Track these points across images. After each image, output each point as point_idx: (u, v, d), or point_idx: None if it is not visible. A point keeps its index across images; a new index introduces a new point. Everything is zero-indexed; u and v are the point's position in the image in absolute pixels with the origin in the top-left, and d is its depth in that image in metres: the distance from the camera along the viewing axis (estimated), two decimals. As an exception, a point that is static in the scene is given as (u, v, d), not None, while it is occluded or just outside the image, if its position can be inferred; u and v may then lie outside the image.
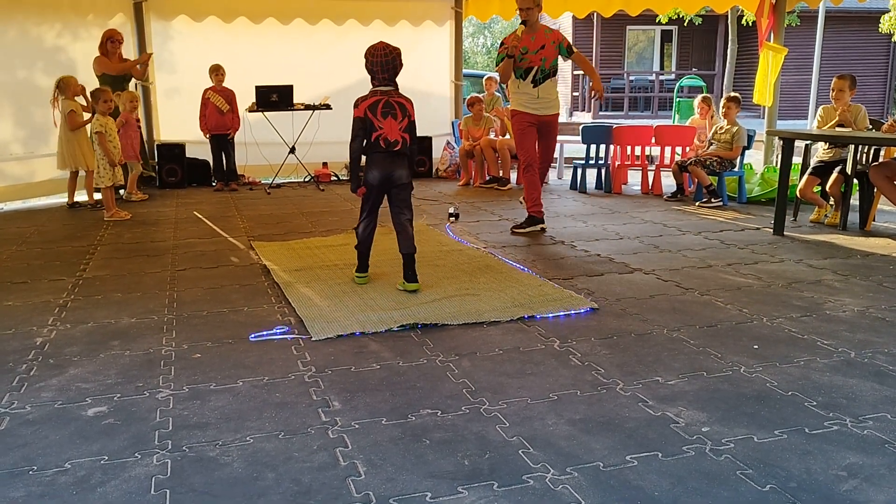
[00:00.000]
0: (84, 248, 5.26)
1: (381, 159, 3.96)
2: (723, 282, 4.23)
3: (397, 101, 3.98)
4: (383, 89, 4.00)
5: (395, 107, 3.96)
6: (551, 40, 5.60)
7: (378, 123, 3.92)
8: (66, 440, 2.35)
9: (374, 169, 3.98)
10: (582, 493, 2.01)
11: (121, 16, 8.17)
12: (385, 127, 3.92)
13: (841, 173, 5.90)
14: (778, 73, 7.97)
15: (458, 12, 9.51)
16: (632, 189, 8.04)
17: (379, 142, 3.93)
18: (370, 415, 2.51)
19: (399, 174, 3.99)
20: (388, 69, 4.00)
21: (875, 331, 3.36)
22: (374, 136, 3.93)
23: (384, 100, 3.95)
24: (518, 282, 4.17)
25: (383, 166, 3.96)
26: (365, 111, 3.92)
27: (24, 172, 7.47)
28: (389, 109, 3.94)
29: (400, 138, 3.95)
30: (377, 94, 3.98)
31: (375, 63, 4.02)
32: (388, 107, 3.94)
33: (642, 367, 2.93)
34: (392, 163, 3.97)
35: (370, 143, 3.95)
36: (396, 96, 4.01)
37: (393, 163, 3.97)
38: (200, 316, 3.65)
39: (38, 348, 3.20)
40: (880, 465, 2.15)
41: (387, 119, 3.92)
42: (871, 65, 20.19)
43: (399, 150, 3.96)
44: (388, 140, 3.92)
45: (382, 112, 3.93)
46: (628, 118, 19.17)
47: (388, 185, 4.00)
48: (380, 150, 3.94)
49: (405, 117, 3.98)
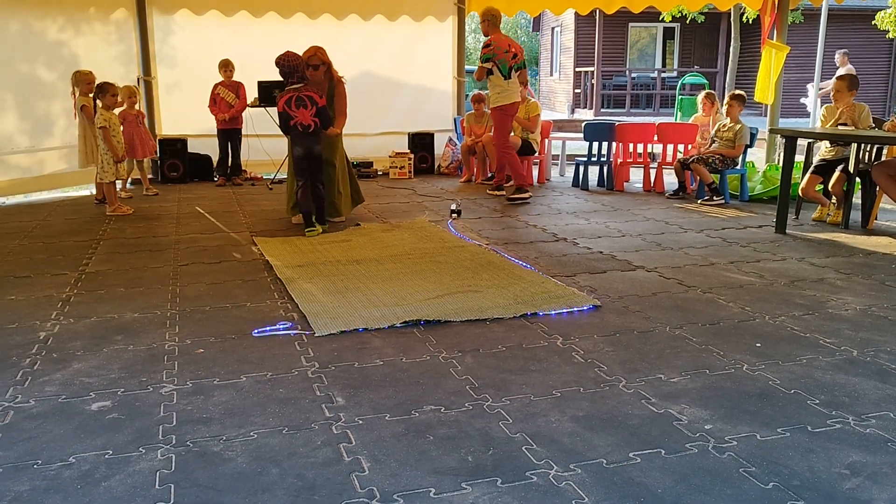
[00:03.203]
0: (87, 242, 5.26)
1: (300, 140, 5.31)
2: (725, 279, 4.23)
3: (307, 95, 5.24)
4: (295, 86, 5.24)
5: (306, 99, 5.23)
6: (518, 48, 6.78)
7: (293, 113, 5.24)
8: (70, 434, 2.35)
9: (297, 146, 5.34)
10: (585, 490, 2.01)
11: (123, 10, 8.16)
12: (299, 115, 5.24)
13: (843, 172, 5.90)
14: (780, 71, 7.96)
15: (461, 8, 9.50)
16: (634, 186, 8.04)
17: (297, 127, 5.27)
18: (374, 411, 2.51)
19: (316, 150, 5.36)
20: (293, 73, 5.22)
21: (877, 329, 3.36)
22: (293, 123, 5.26)
23: (296, 95, 5.23)
24: (520, 279, 4.17)
25: (303, 145, 5.31)
26: (283, 106, 5.25)
27: (26, 166, 7.47)
28: (301, 102, 5.22)
29: (311, 122, 5.25)
30: (290, 92, 5.24)
31: (282, 71, 5.24)
32: (300, 100, 5.23)
33: (645, 364, 2.94)
34: (309, 141, 5.31)
35: (291, 128, 5.30)
36: (306, 91, 5.25)
37: (310, 141, 5.31)
38: (203, 311, 3.65)
39: (42, 343, 3.21)
40: (883, 464, 2.15)
41: (299, 109, 5.23)
42: (873, 63, 20.15)
43: (313, 131, 5.29)
44: (303, 125, 5.26)
45: (296, 104, 5.23)
46: (630, 115, 19.14)
47: (309, 158, 5.33)
48: (298, 132, 5.28)
49: (314, 106, 5.25)
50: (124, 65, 8.23)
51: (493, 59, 6.61)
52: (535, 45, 31.32)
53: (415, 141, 9.16)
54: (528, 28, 33.76)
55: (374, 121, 8.99)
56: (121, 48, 8.23)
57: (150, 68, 8.40)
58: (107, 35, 8.11)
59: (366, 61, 8.89)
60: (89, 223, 6.01)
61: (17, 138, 7.40)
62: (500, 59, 6.59)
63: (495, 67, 6.63)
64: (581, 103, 21.66)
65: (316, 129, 5.29)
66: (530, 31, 33.18)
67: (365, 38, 8.99)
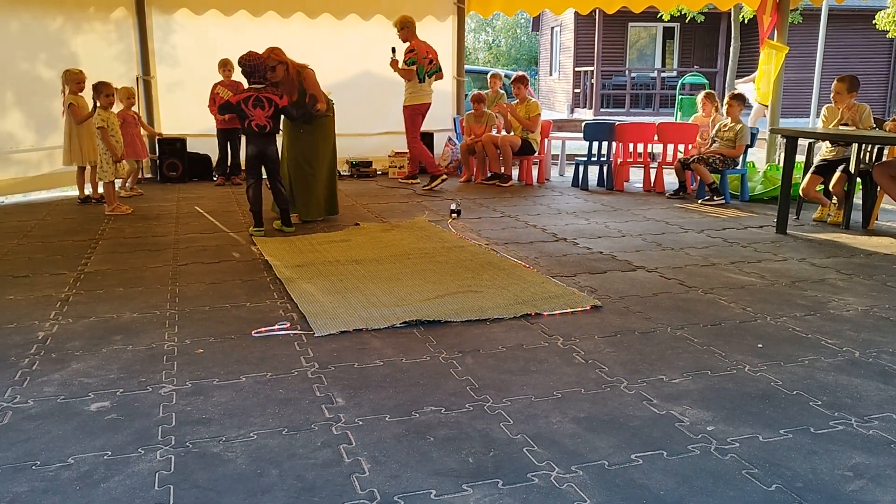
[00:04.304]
0: (85, 242, 5.25)
1: (255, 139, 5.33)
2: (726, 280, 4.22)
3: (265, 96, 5.27)
4: (256, 87, 5.28)
5: (264, 100, 5.25)
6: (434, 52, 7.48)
7: (249, 112, 5.24)
8: (69, 435, 2.34)
9: (251, 145, 5.37)
10: (587, 492, 2.00)
11: (122, 9, 8.15)
12: (254, 115, 5.24)
13: (844, 172, 5.89)
14: (780, 71, 7.95)
15: (461, 8, 9.49)
16: (634, 186, 8.03)
17: (252, 126, 5.26)
18: (374, 411, 2.50)
19: (270, 150, 5.38)
20: (254, 73, 5.27)
21: (879, 330, 3.35)
22: (247, 122, 5.26)
23: (255, 95, 5.25)
24: (521, 279, 4.16)
25: (256, 144, 5.33)
26: (238, 102, 5.28)
27: (26, 166, 7.46)
28: (259, 103, 5.24)
29: (266, 123, 5.27)
30: (250, 91, 5.29)
31: (244, 70, 5.29)
32: (258, 101, 5.24)
33: (646, 365, 2.93)
34: (264, 142, 5.34)
35: (246, 128, 5.31)
36: (265, 92, 5.30)
37: (265, 142, 5.34)
38: (203, 311, 3.64)
39: (40, 343, 3.19)
40: (886, 466, 2.14)
41: (256, 109, 5.23)
42: (873, 63, 20.15)
43: (268, 132, 5.32)
44: (258, 125, 5.27)
45: (253, 104, 5.23)
46: (629, 115, 19.13)
47: (263, 159, 5.37)
48: (253, 132, 5.29)
49: (272, 107, 5.27)
50: (124, 63, 8.22)
51: (416, 62, 7.37)
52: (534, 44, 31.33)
53: (414, 140, 9.13)
54: (528, 27, 33.78)
55: (373, 120, 8.98)
56: (120, 47, 8.22)
57: (150, 67, 8.38)
58: (106, 34, 8.10)
59: (365, 61, 8.86)
60: (88, 223, 6.00)
61: (17, 137, 7.38)
62: (419, 63, 7.37)
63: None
64: (581, 103, 21.65)
65: (271, 130, 5.34)
66: (530, 31, 33.19)
67: (364, 38, 8.97)
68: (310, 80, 5.76)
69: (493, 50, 39.73)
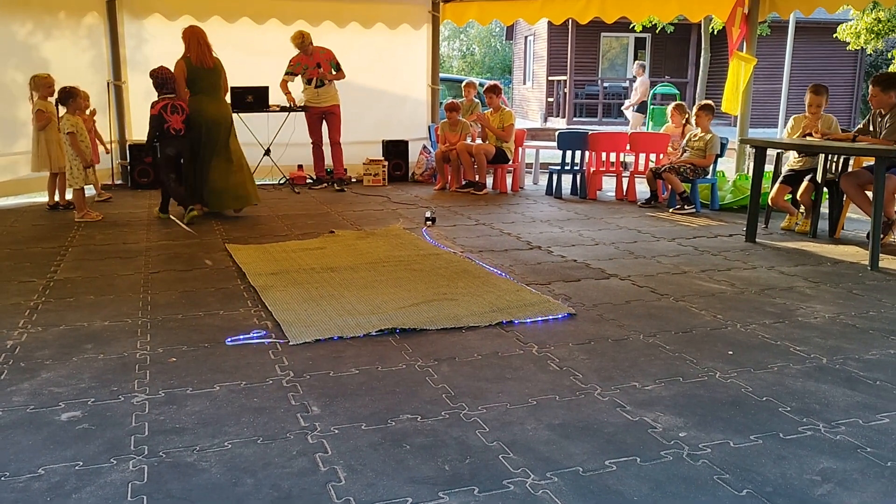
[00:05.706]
0: (55, 249, 5.17)
1: (173, 141, 6.16)
2: (697, 288, 4.28)
3: (178, 104, 6.15)
4: (169, 96, 6.12)
5: (179, 107, 6.15)
6: (325, 59, 8.05)
7: (168, 118, 6.08)
8: (39, 445, 2.30)
9: (170, 147, 6.18)
10: (562, 498, 2.02)
11: (94, 14, 8.05)
12: (172, 120, 6.11)
13: (811, 182, 6.01)
14: (748, 83, 8.08)
15: (436, 16, 9.52)
16: (606, 195, 8.10)
17: (170, 130, 6.10)
18: (349, 420, 2.50)
19: (184, 150, 6.21)
20: (165, 84, 6.12)
21: (846, 337, 3.42)
22: (167, 126, 6.09)
23: (171, 103, 6.12)
24: (496, 287, 4.18)
25: (174, 146, 6.18)
26: (160, 111, 6.07)
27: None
28: (175, 109, 6.13)
29: (181, 126, 6.15)
30: (166, 100, 6.11)
31: (155, 82, 6.14)
32: (175, 108, 6.13)
33: (619, 372, 2.96)
34: (180, 143, 6.18)
35: (165, 131, 6.10)
36: (178, 100, 6.16)
37: (181, 143, 6.18)
38: (175, 319, 3.61)
39: (9, 352, 3.14)
40: (853, 470, 2.19)
41: (174, 115, 6.11)
42: (839, 75, 20.59)
43: (183, 135, 6.17)
44: (175, 129, 6.13)
45: (171, 111, 6.10)
46: (602, 125, 19.31)
47: (180, 157, 6.23)
48: (171, 135, 6.12)
49: (184, 113, 6.15)
50: (97, 70, 8.12)
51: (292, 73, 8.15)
52: (508, 53, 31.49)
53: (389, 148, 9.15)
54: (502, 37, 33.97)
55: (348, 129, 8.94)
56: (93, 53, 8.12)
57: (121, 73, 8.29)
58: (77, 40, 7.99)
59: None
60: (57, 229, 5.91)
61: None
62: (297, 72, 8.13)
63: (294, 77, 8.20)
64: (554, 112, 21.80)
65: (185, 133, 6.18)
66: (504, 40, 33.37)
67: (340, 46, 8.93)
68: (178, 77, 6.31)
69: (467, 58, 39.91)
